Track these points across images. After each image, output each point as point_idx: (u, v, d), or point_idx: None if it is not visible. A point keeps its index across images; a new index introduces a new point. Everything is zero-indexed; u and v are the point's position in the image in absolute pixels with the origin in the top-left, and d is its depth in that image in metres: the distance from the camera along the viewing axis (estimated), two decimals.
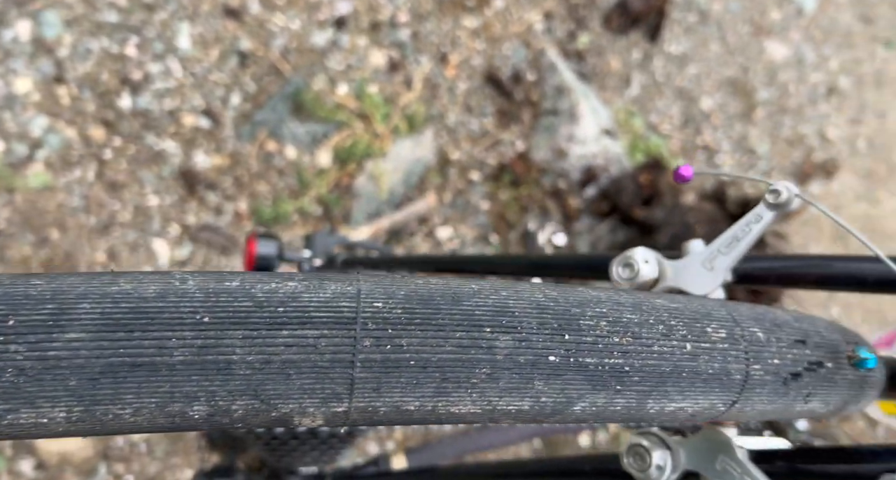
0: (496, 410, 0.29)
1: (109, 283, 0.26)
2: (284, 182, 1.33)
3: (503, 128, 1.51)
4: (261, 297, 0.26)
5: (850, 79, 1.99)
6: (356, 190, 1.34)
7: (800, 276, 0.43)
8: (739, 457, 0.37)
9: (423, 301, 0.28)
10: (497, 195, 1.45)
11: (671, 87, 1.72)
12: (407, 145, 1.39)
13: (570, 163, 1.47)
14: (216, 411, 0.25)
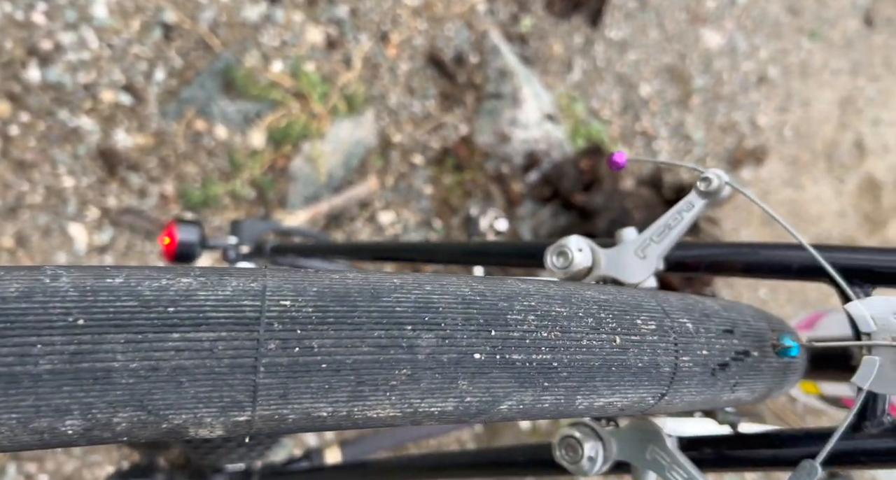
0: (417, 413, 0.27)
1: None
2: (214, 163, 1.25)
3: (446, 111, 1.48)
4: (148, 296, 0.23)
5: (778, 68, 2.06)
6: (292, 172, 1.28)
7: (728, 264, 0.44)
8: (668, 447, 0.37)
9: (337, 298, 0.26)
10: (440, 179, 1.43)
11: (612, 73, 1.73)
12: (346, 126, 1.34)
13: (512, 148, 1.45)
14: (94, 425, 0.22)
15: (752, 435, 0.39)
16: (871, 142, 2.16)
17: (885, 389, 0.32)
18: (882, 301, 0.33)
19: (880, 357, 0.32)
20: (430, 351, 0.26)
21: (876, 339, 0.32)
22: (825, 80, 2.16)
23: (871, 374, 0.32)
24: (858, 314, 0.33)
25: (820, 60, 2.16)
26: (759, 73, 2.01)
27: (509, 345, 0.28)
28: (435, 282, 0.29)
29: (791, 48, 2.13)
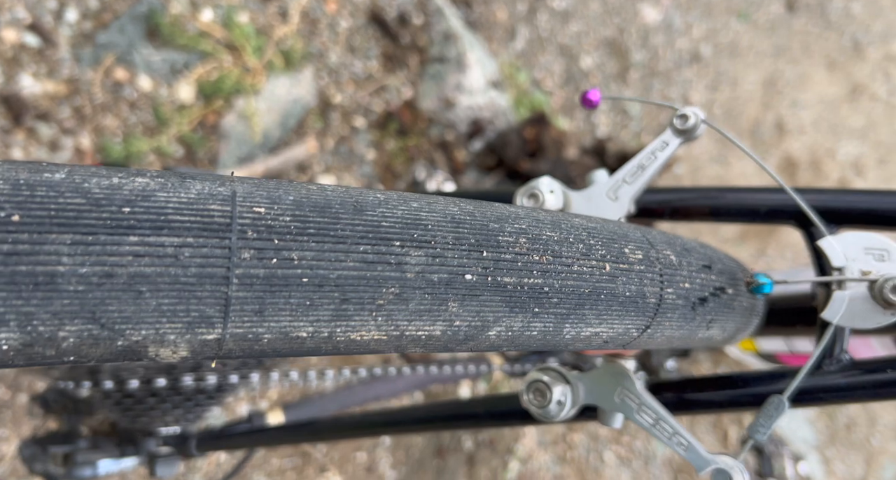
0: (404, 336, 0.25)
1: None
2: (138, 116, 1.15)
3: (389, 73, 1.42)
4: (97, 194, 0.20)
5: (709, 47, 2.12)
6: (224, 130, 1.20)
7: (696, 208, 0.44)
8: (638, 389, 0.38)
9: (317, 208, 0.23)
10: (383, 144, 1.38)
11: (554, 44, 1.72)
12: (283, 83, 1.26)
13: (456, 115, 1.42)
14: (35, 339, 0.20)
15: (716, 377, 0.40)
16: (789, 122, 2.28)
17: (853, 323, 0.32)
18: (853, 236, 0.33)
19: (850, 292, 0.32)
20: (420, 270, 0.25)
21: (847, 274, 0.32)
22: (751, 61, 2.25)
23: (840, 309, 0.32)
24: (832, 249, 0.33)
25: (747, 41, 2.25)
26: (693, 51, 2.07)
27: (501, 267, 0.26)
28: (422, 200, 0.27)
29: (721, 28, 2.19)
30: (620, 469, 1.75)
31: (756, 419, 0.34)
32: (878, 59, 2.72)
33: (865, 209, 0.36)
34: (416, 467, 1.44)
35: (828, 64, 2.54)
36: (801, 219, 0.38)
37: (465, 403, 0.50)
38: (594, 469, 1.71)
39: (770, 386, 0.36)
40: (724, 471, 0.33)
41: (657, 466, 1.83)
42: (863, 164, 2.52)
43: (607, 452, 1.74)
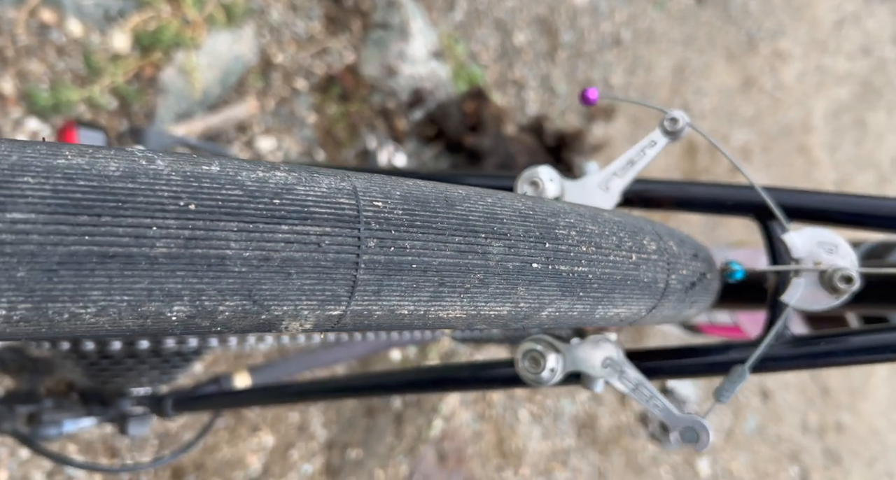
0: (478, 315, 0.29)
1: (51, 155, 0.20)
2: (66, 63, 1.08)
3: (331, 36, 1.40)
4: (251, 186, 0.23)
5: (629, 32, 2.24)
6: (163, 84, 1.15)
7: (669, 199, 0.48)
8: (620, 358, 0.42)
9: (420, 202, 0.27)
10: (324, 108, 1.37)
11: (491, 18, 1.76)
12: (225, 39, 1.22)
13: (398, 83, 1.43)
14: (198, 312, 0.22)
15: (685, 348, 0.45)
16: (693, 108, 2.46)
17: (805, 306, 0.39)
18: (809, 231, 0.39)
19: (804, 279, 0.39)
20: (500, 259, 0.28)
21: (803, 264, 0.39)
22: (664, 48, 2.39)
23: (796, 294, 0.39)
24: (793, 242, 0.39)
25: (661, 29, 2.39)
26: (615, 34, 2.17)
27: (559, 257, 0.30)
28: (493, 196, 0.31)
29: (640, 14, 2.31)
30: (533, 425, 1.88)
31: (722, 385, 0.39)
32: (768, 54, 2.98)
33: (819, 208, 0.42)
34: (347, 426, 1.48)
35: (727, 56, 2.76)
36: (761, 214, 0.43)
37: (451, 367, 0.52)
38: (510, 425, 1.82)
39: (732, 355, 0.42)
40: (692, 428, 0.38)
41: (564, 422, 1.99)
42: (749, 150, 2.78)
43: (522, 410, 1.87)
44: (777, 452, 2.58)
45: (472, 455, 1.73)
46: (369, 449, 1.50)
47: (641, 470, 2.16)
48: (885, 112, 3.55)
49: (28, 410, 0.60)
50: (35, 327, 0.20)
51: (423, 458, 1.60)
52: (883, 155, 3.48)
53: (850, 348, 0.39)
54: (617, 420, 2.11)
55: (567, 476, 1.94)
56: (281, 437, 1.38)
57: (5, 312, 0.19)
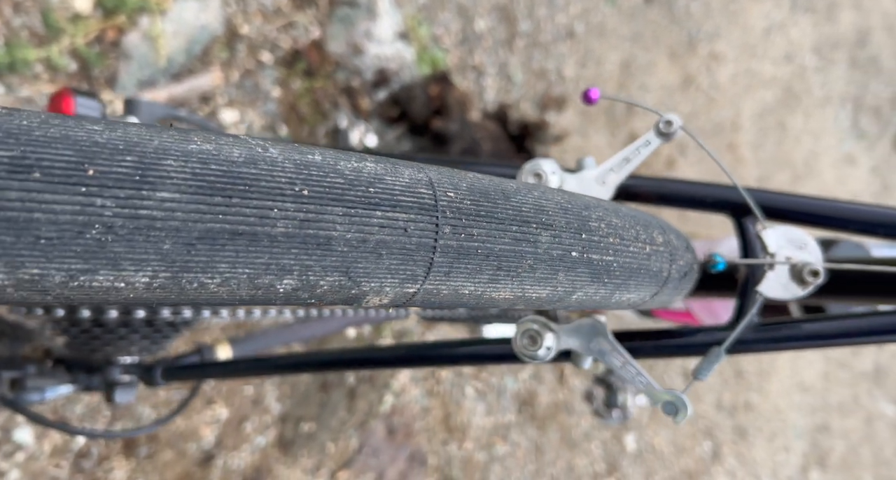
0: (523, 297, 0.32)
1: (183, 140, 0.22)
2: (23, 21, 1.03)
3: (298, 10, 1.39)
4: (349, 175, 0.26)
5: (582, 25, 2.31)
6: (126, 49, 1.11)
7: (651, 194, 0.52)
8: (610, 338, 0.45)
9: (482, 194, 0.30)
10: (289, 83, 1.36)
11: (454, 2, 1.78)
12: (191, 7, 1.19)
13: (364, 62, 1.43)
14: (302, 286, 0.25)
15: (666, 330, 0.49)
16: None
17: (776, 295, 0.43)
18: (783, 229, 0.44)
19: (777, 272, 0.43)
20: (547, 247, 0.31)
21: (777, 259, 0.43)
22: (614, 43, 2.48)
23: (770, 285, 0.43)
24: (769, 238, 0.44)
25: (612, 24, 2.47)
26: (569, 27, 2.24)
27: (592, 247, 0.34)
28: (538, 189, 0.33)
29: (593, 8, 2.39)
30: (477, 401, 1.95)
31: (700, 364, 0.43)
32: (705, 55, 3.13)
33: (790, 209, 0.46)
34: (301, 400, 1.50)
35: (670, 54, 2.88)
36: (737, 211, 0.47)
37: (448, 343, 0.54)
38: (456, 401, 1.89)
39: (709, 337, 0.46)
40: (673, 403, 0.40)
41: (507, 399, 2.07)
42: (685, 145, 2.93)
43: (468, 387, 1.93)
44: (694, 428, 2.77)
45: (420, 429, 1.78)
46: (322, 423, 1.53)
47: (575, 445, 2.28)
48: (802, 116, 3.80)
49: (11, 376, 0.60)
50: (166, 294, 0.22)
51: (373, 432, 1.64)
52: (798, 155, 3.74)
53: (808, 333, 0.44)
54: (555, 397, 2.21)
55: (507, 449, 2.03)
56: (235, 410, 1.38)
57: (148, 279, 0.21)
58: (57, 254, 0.19)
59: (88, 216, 0.19)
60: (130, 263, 0.20)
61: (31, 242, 0.19)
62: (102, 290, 0.21)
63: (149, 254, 0.20)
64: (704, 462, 2.82)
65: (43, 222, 0.19)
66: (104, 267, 0.20)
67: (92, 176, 0.19)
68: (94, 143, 0.20)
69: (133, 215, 0.20)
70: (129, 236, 0.20)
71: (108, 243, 0.20)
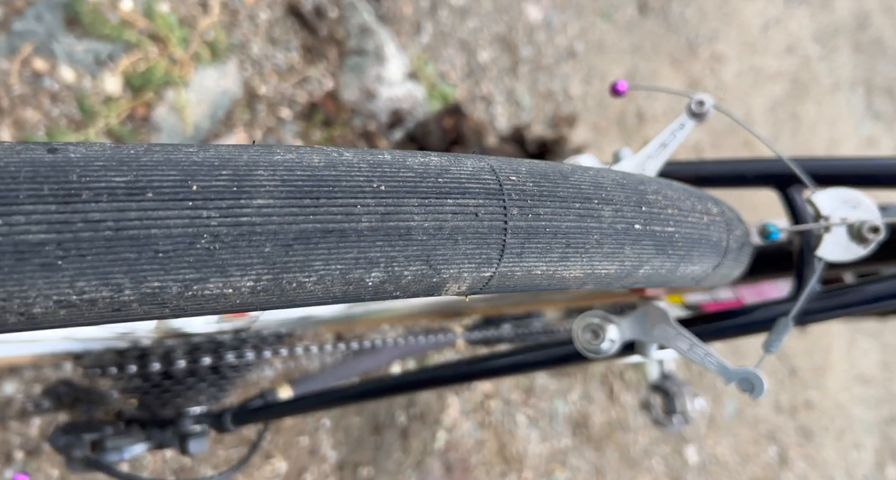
0: (592, 274, 0.32)
1: (267, 153, 0.24)
2: (61, 109, 1.09)
3: (310, 65, 1.45)
4: (419, 168, 0.27)
5: (582, 44, 2.35)
6: (156, 122, 1.17)
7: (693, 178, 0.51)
8: (673, 323, 0.44)
9: (542, 176, 0.30)
10: (309, 134, 1.41)
11: (455, 38, 1.83)
12: (211, 75, 1.25)
13: (377, 106, 1.48)
14: (389, 277, 0.26)
15: (727, 311, 0.48)
16: (647, 111, 2.59)
17: (837, 256, 0.42)
18: (833, 192, 0.43)
19: (834, 234, 0.42)
20: (611, 221, 0.32)
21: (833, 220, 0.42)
22: (614, 57, 2.52)
23: (829, 248, 0.42)
24: (821, 202, 0.43)
25: (611, 40, 2.52)
26: (569, 47, 2.28)
27: (653, 219, 0.34)
28: (592, 169, 0.34)
29: (589, 27, 2.44)
30: (530, 428, 1.93)
31: (769, 337, 0.42)
32: (707, 58, 3.16)
33: (836, 172, 0.46)
34: (356, 445, 1.50)
35: (672, 61, 2.91)
36: (781, 182, 0.47)
37: (504, 354, 0.54)
38: (509, 431, 1.87)
39: (772, 312, 0.45)
40: (748, 379, 0.40)
41: (560, 423, 2.04)
42: (701, 148, 2.93)
43: (519, 414, 1.91)
44: (756, 433, 2.69)
45: (477, 463, 1.76)
46: (379, 466, 1.52)
47: (635, 463, 2.23)
48: (814, 105, 3.78)
49: (91, 438, 0.62)
50: (269, 297, 0.23)
51: (431, 470, 1.63)
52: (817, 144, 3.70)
53: (871, 295, 0.43)
54: (608, 416, 2.18)
55: (567, 475, 1.99)
56: (293, 462, 1.39)
57: (252, 282, 0.22)
58: (173, 266, 0.20)
59: (197, 227, 0.21)
60: (237, 268, 0.22)
61: (151, 257, 0.20)
62: (213, 298, 0.22)
63: (252, 258, 0.22)
64: (772, 469, 2.73)
65: (160, 237, 0.20)
66: (214, 275, 0.21)
67: (196, 191, 0.21)
68: (192, 163, 0.22)
69: (235, 223, 0.21)
70: (233, 242, 0.21)
71: (216, 251, 0.21)
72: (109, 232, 0.19)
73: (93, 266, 0.19)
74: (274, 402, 0.73)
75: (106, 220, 0.19)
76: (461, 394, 1.73)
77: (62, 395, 0.64)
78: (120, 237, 0.19)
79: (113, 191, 0.20)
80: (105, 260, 0.19)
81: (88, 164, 0.20)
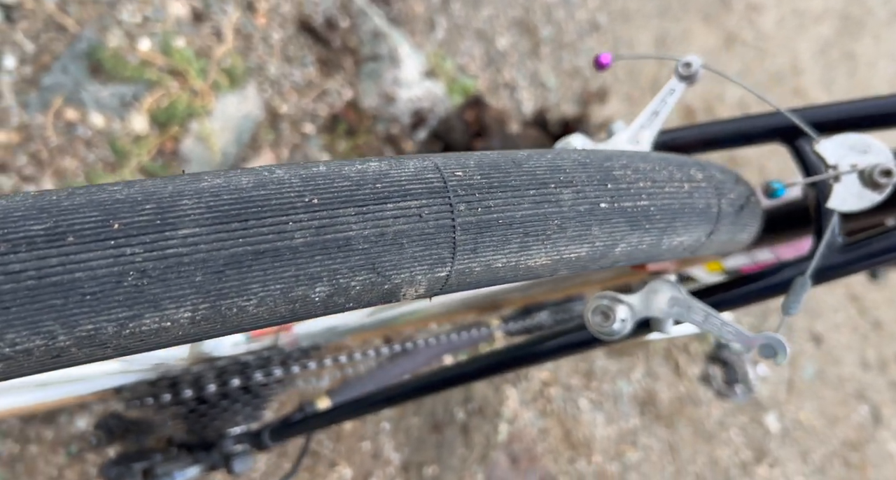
0: (561, 260, 0.32)
1: (195, 181, 0.24)
2: (96, 154, 1.15)
3: (327, 77, 1.47)
4: (355, 176, 0.26)
5: (605, 15, 2.29)
6: (184, 154, 1.22)
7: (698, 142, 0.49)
8: (685, 295, 0.43)
9: (492, 166, 0.30)
10: (334, 146, 1.43)
11: (471, 30, 1.82)
12: (232, 101, 1.29)
13: (398, 108, 1.49)
14: (336, 290, 0.25)
15: (741, 277, 0.46)
16: None
17: (851, 206, 0.40)
18: (839, 138, 0.40)
19: (844, 183, 0.39)
20: (571, 204, 0.31)
21: (840, 169, 0.40)
22: (640, 23, 2.44)
23: (840, 198, 0.39)
24: (826, 151, 0.40)
25: (635, 6, 2.43)
26: (591, 21, 2.22)
27: (621, 194, 0.33)
28: (552, 152, 0.33)
29: None
30: (595, 412, 1.91)
31: (787, 299, 0.40)
32: (742, 9, 3.00)
33: (843, 117, 0.43)
34: (418, 445, 1.52)
35: (703, 18, 2.79)
36: (787, 135, 0.44)
37: (525, 345, 0.53)
38: (573, 416, 1.85)
39: (794, 271, 0.42)
40: (770, 345, 0.38)
41: (625, 403, 2.01)
42: (746, 104, 2.80)
43: (581, 399, 1.89)
44: (842, 394, 2.56)
45: (543, 452, 1.75)
46: (443, 464, 1.54)
47: (711, 437, 2.17)
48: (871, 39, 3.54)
49: (142, 466, 0.66)
50: (212, 325, 0.23)
51: (496, 463, 1.63)
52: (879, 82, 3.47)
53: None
54: (676, 391, 2.13)
55: (639, 455, 1.96)
56: (358, 468, 1.42)
57: (190, 313, 0.22)
58: (104, 307, 0.21)
59: (122, 265, 0.21)
60: (170, 301, 0.22)
61: (79, 300, 0.20)
62: (153, 333, 0.22)
63: (184, 289, 0.22)
64: (866, 429, 2.60)
65: (85, 280, 0.20)
66: (147, 311, 0.21)
67: (118, 229, 0.21)
68: (115, 201, 0.22)
69: (161, 256, 0.21)
70: (162, 276, 0.21)
71: (146, 286, 0.21)
72: (31, 281, 0.20)
73: (19, 316, 0.19)
74: (313, 414, 0.75)
75: (27, 270, 0.20)
76: (518, 385, 1.73)
77: (113, 428, 0.68)
78: (43, 285, 0.20)
79: (32, 240, 0.20)
80: (31, 310, 0.20)
81: (7, 216, 0.20)
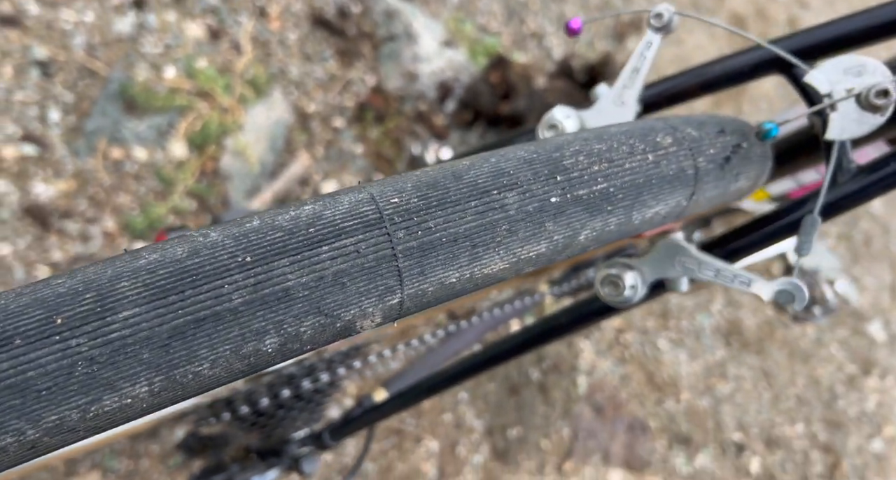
0: (521, 261, 0.32)
1: (133, 259, 0.25)
2: (145, 186, 1.23)
3: (348, 67, 1.48)
4: (287, 225, 0.27)
5: None
6: (225, 171, 1.28)
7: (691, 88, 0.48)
8: (693, 253, 0.42)
9: (430, 185, 0.30)
10: (366, 135, 1.45)
11: None
12: (260, 111, 1.33)
13: (423, 84, 1.48)
14: (287, 338, 0.26)
15: (749, 223, 0.44)
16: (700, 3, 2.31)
17: (852, 133, 0.38)
18: (830, 63, 0.38)
19: (841, 110, 0.37)
20: (518, 206, 0.31)
21: (835, 96, 0.38)
22: None
23: (838, 127, 0.38)
24: (816, 80, 0.38)
25: None
26: None
27: (573, 184, 0.32)
28: (496, 154, 0.33)
29: None
30: (676, 351, 1.88)
31: (798, 240, 0.39)
32: None
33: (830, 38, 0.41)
34: (498, 410, 1.57)
35: None
36: (782, 66, 0.42)
37: (548, 319, 0.54)
38: (653, 358, 1.84)
39: (799, 211, 0.41)
40: (787, 290, 0.37)
41: (708, 337, 1.97)
42: (804, 1, 2.55)
43: (660, 340, 1.87)
44: None
45: (627, 398, 1.76)
46: (527, 424, 1.58)
47: (809, 357, 2.09)
48: None
49: (222, 478, 0.73)
50: (172, 393, 0.25)
51: (581, 416, 1.66)
52: None
53: None
54: (762, 316, 2.06)
55: (731, 386, 1.92)
56: (443, 439, 1.48)
57: (148, 387, 0.24)
58: (62, 397, 0.22)
59: (70, 357, 0.22)
60: (124, 381, 0.23)
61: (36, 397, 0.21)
62: (118, 410, 0.23)
63: (135, 367, 0.23)
64: None
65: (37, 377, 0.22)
66: (105, 393, 0.23)
67: (61, 323, 0.22)
68: (57, 296, 0.23)
69: (106, 341, 0.23)
70: (110, 360, 0.23)
71: (97, 372, 0.22)
72: None
73: None
74: (371, 407, 0.80)
75: None
76: (591, 336, 1.73)
77: (192, 446, 0.76)
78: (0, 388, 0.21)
79: None
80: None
81: None
